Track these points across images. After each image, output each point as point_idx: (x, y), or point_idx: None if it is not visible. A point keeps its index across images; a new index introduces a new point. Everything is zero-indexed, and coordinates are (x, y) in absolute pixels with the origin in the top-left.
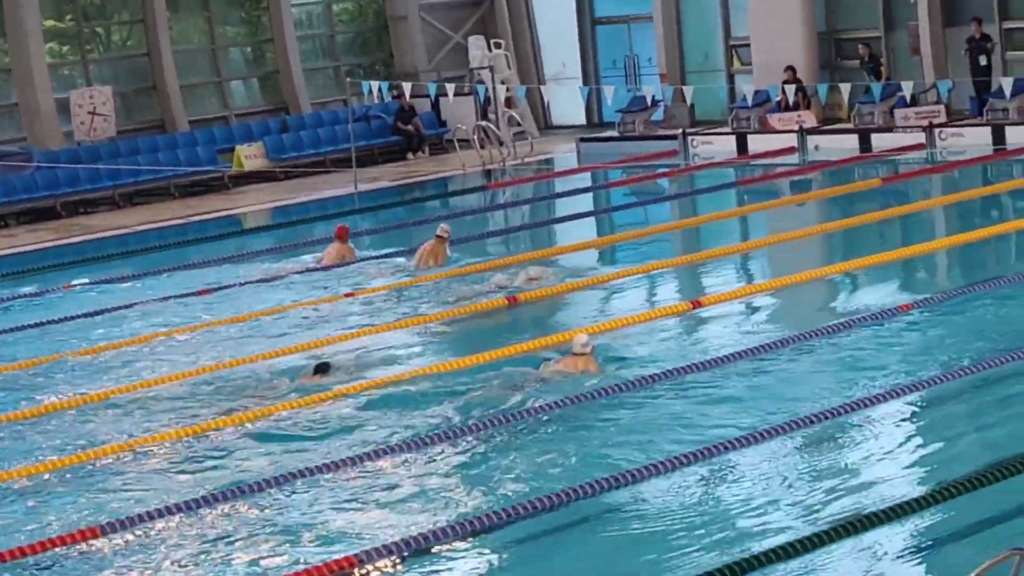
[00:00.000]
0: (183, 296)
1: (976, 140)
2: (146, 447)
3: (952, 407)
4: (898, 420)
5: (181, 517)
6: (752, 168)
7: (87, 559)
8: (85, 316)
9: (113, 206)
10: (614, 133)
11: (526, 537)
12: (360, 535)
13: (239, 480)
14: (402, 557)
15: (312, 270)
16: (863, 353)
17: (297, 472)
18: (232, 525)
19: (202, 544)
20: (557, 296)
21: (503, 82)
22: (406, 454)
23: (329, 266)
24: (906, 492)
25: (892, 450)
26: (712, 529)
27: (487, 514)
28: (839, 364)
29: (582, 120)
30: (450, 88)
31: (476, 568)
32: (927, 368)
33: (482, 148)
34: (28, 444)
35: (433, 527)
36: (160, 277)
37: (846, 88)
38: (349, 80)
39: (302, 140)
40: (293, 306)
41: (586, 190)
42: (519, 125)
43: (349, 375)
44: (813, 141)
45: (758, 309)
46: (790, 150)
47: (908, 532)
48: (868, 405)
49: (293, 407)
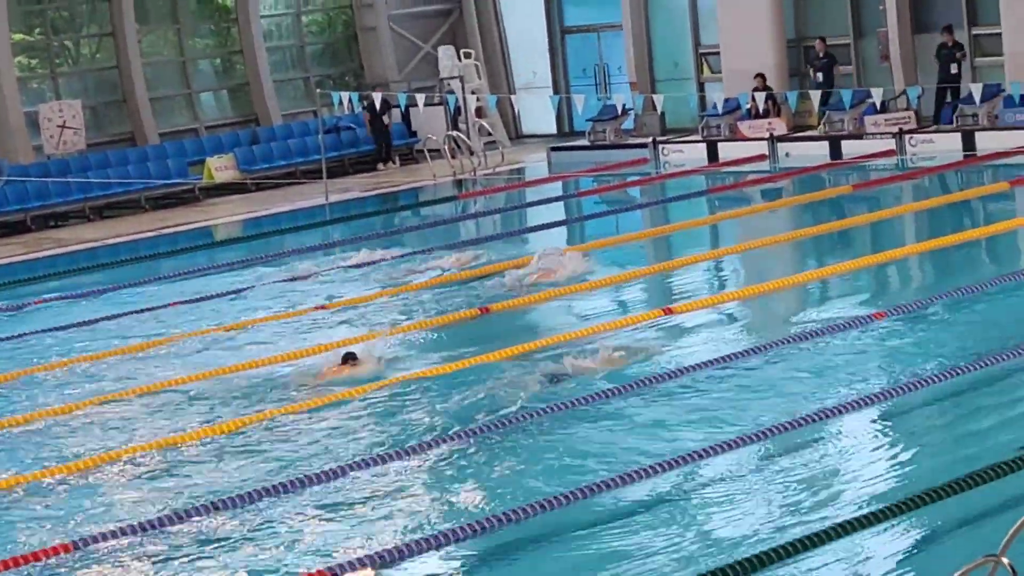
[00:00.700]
0: (155, 308)
1: (946, 146)
2: (118, 459)
3: (926, 414)
4: (871, 427)
5: (160, 531)
6: (723, 176)
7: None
8: (56, 329)
9: (84, 219)
10: (585, 142)
11: (500, 545)
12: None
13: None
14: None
15: (295, 279)
16: (836, 360)
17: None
18: (235, 532)
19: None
20: (528, 305)
21: (473, 92)
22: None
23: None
24: (880, 499)
25: (866, 457)
26: (687, 538)
27: (477, 520)
28: (811, 371)
29: (553, 129)
30: (420, 98)
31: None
32: (900, 375)
33: (453, 158)
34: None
35: (403, 539)
36: (132, 290)
37: (816, 95)
38: (319, 91)
39: (273, 151)
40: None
41: (557, 199)
42: (490, 135)
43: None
44: (784, 148)
45: (730, 316)
46: (761, 157)
47: (882, 540)
48: (841, 412)
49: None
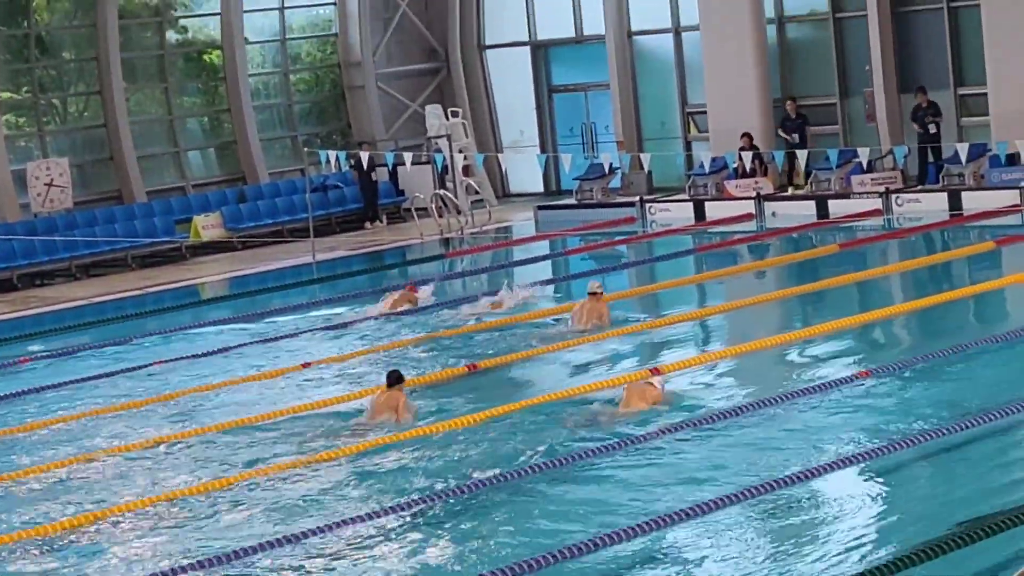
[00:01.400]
0: (141, 367)
1: (933, 206)
2: (101, 520)
3: (911, 473)
4: (856, 487)
5: None
6: (710, 235)
7: None
8: (44, 389)
9: (70, 278)
10: (572, 200)
11: None
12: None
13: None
14: None
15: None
16: (821, 420)
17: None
18: None
19: None
20: (516, 362)
21: (460, 150)
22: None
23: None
24: (864, 561)
25: (849, 518)
26: None
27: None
28: (796, 431)
29: (540, 188)
30: (408, 157)
31: None
32: (885, 434)
33: (440, 216)
34: None
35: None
36: (117, 348)
37: (803, 154)
38: (307, 150)
39: (260, 210)
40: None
41: (544, 258)
42: (477, 193)
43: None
44: (770, 207)
45: (716, 376)
46: (748, 216)
47: None
48: (826, 472)
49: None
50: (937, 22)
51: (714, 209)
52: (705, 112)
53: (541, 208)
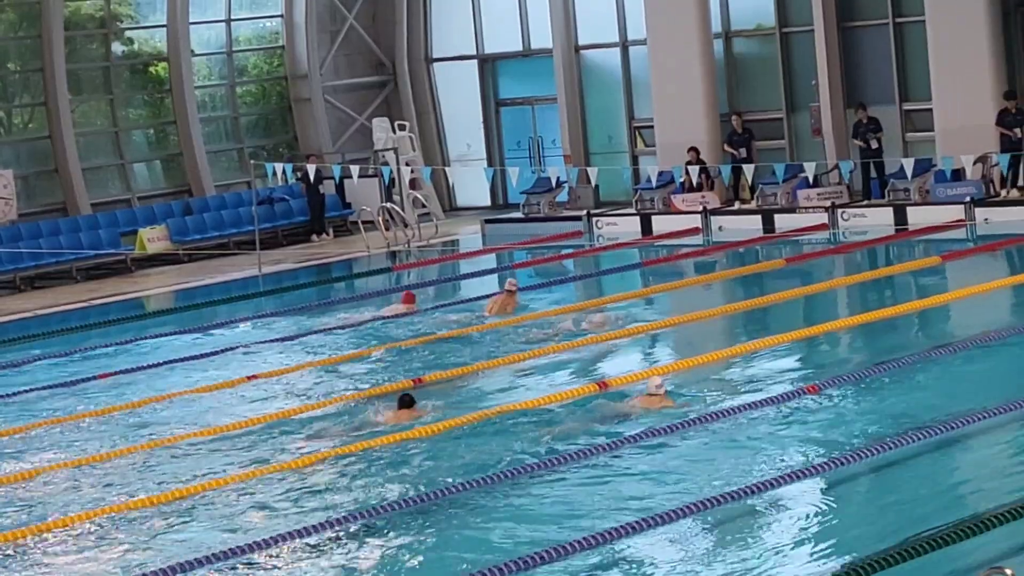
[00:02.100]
0: (85, 381)
1: (879, 220)
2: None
3: (858, 487)
4: (802, 501)
5: None
6: (657, 249)
7: None
8: None
9: (14, 290)
10: (519, 214)
11: None
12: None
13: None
14: None
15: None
16: (767, 434)
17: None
18: None
19: None
20: (459, 377)
21: (408, 163)
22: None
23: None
24: (811, 573)
25: (796, 532)
26: None
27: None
28: (742, 445)
29: (487, 201)
30: (355, 170)
31: None
32: (831, 448)
33: (387, 230)
34: None
35: None
36: (61, 360)
37: (749, 169)
38: (253, 162)
39: (206, 222)
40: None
41: (491, 271)
42: (424, 207)
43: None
44: (717, 222)
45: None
46: (694, 231)
47: None
48: (772, 487)
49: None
50: (883, 37)
51: (661, 223)
52: (652, 126)
53: (488, 222)
